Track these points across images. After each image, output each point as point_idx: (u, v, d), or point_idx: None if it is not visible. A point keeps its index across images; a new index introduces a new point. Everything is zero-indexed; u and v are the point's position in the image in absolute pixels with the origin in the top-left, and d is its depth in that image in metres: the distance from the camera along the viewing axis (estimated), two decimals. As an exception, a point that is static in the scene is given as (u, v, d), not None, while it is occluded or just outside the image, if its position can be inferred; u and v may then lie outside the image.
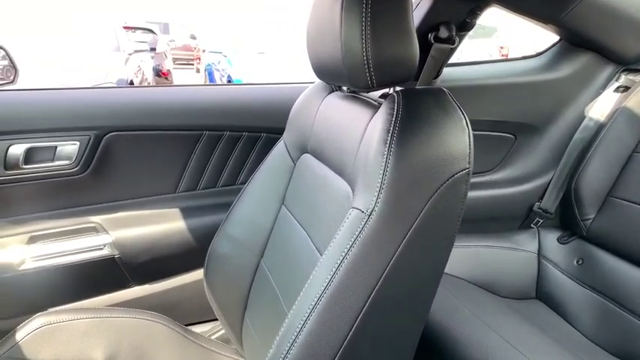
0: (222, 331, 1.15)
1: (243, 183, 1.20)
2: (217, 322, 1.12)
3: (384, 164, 0.56)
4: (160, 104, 1.14)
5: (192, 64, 12.11)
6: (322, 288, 0.57)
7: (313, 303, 0.57)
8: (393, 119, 0.58)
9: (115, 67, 3.97)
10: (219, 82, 5.92)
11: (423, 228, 0.57)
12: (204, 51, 9.27)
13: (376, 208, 0.56)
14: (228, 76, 5.07)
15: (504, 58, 1.37)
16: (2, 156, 0.99)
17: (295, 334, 0.57)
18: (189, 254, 1.16)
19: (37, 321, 0.87)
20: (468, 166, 0.58)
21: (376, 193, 0.56)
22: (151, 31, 7.88)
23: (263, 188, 0.93)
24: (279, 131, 1.03)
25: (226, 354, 0.96)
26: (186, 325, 1.00)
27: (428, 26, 1.01)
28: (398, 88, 0.67)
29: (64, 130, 1.04)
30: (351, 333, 0.57)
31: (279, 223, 0.89)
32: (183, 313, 1.11)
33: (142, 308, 0.98)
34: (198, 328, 1.06)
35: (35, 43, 3.89)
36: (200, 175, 1.19)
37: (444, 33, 1.00)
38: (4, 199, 1.04)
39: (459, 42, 1.05)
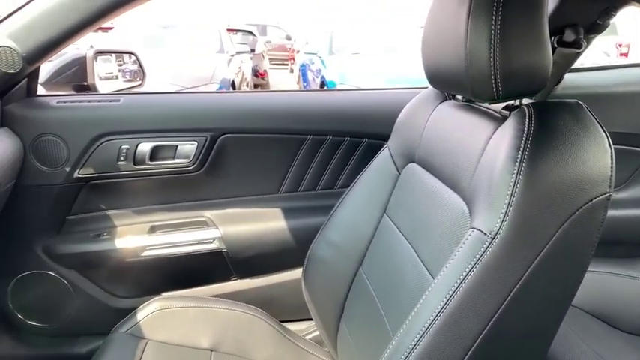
0: (317, 332, 1.18)
1: (343, 187, 1.21)
2: (312, 323, 1.15)
3: (512, 184, 0.52)
4: (268, 109, 1.19)
5: (287, 65, 12.56)
6: (436, 311, 0.54)
7: (426, 326, 0.55)
8: (524, 135, 0.54)
9: (219, 67, 4.25)
10: (311, 82, 6.05)
11: (552, 256, 0.53)
12: (297, 52, 9.57)
13: (501, 232, 0.52)
14: (322, 77, 5.15)
15: (636, 63, 1.21)
16: (132, 153, 1.11)
17: (405, 354, 0.55)
18: (289, 253, 1.20)
19: (154, 305, 0.96)
20: (608, 191, 0.52)
21: (502, 215, 0.53)
22: (250, 33, 8.32)
23: (365, 195, 0.93)
24: (382, 137, 1.02)
25: (320, 356, 0.98)
26: (282, 322, 1.04)
27: (551, 30, 0.93)
28: (525, 100, 0.63)
29: (184, 132, 1.14)
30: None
31: (380, 232, 0.88)
32: (280, 309, 1.15)
33: (242, 301, 1.04)
34: (293, 326, 1.09)
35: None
36: (302, 178, 1.23)
37: (569, 36, 0.92)
38: (131, 191, 1.17)
39: (587, 46, 0.96)
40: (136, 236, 1.15)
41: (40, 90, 1.14)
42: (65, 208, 1.13)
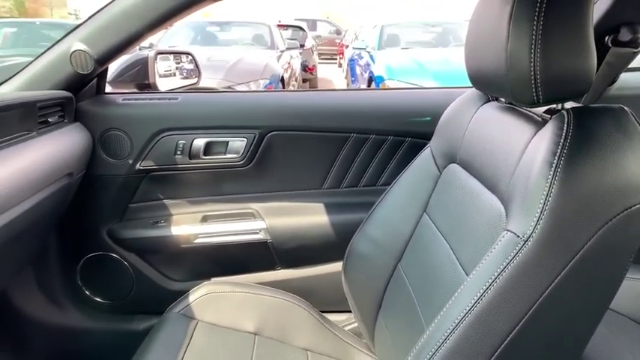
0: (355, 324, 1.21)
1: (385, 185, 1.23)
2: (351, 315, 1.19)
3: (547, 189, 0.53)
4: (313, 107, 1.24)
5: (335, 59, 12.56)
6: (467, 308, 0.56)
7: (456, 321, 0.56)
8: (562, 140, 0.55)
9: (269, 63, 4.35)
10: (359, 77, 6.04)
11: (586, 262, 0.53)
12: (346, 46, 9.55)
13: (534, 235, 0.53)
14: (370, 72, 5.13)
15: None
16: (188, 147, 1.19)
17: (435, 348, 0.57)
18: (330, 246, 1.24)
19: (205, 288, 1.03)
20: None
21: (535, 219, 0.53)
22: (300, 28, 8.41)
23: (406, 194, 0.95)
24: (425, 136, 1.03)
25: (358, 347, 1.01)
26: (322, 312, 1.08)
27: (605, 28, 0.91)
28: (568, 104, 0.62)
29: (235, 128, 1.20)
30: (493, 358, 0.56)
31: (419, 230, 0.90)
32: (321, 300, 1.19)
33: (284, 290, 1.09)
34: (332, 317, 1.13)
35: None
36: (344, 175, 1.27)
37: (625, 35, 0.89)
38: (186, 183, 1.25)
39: None
40: (190, 225, 1.23)
41: (107, 88, 1.25)
42: (128, 196, 1.23)
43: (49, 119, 1.02)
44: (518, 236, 0.55)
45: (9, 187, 0.82)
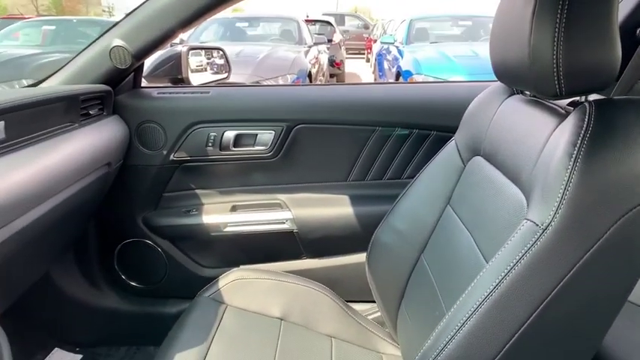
0: (378, 314, 1.23)
1: (409, 178, 1.24)
2: (374, 305, 1.21)
3: (566, 179, 0.54)
4: (340, 101, 1.26)
5: (363, 54, 12.51)
6: (485, 294, 0.58)
7: (475, 306, 0.58)
8: (582, 132, 0.55)
9: (297, 58, 4.39)
10: (387, 71, 6.00)
11: (604, 251, 0.54)
12: (375, 41, 9.49)
13: (552, 224, 0.54)
14: (398, 67, 5.09)
15: None
16: (219, 139, 1.24)
17: (453, 332, 0.59)
18: (354, 238, 1.26)
19: (233, 275, 1.07)
20: None
21: (554, 208, 0.54)
22: (328, 23, 8.42)
23: (430, 186, 0.96)
24: (450, 130, 1.04)
25: (380, 335, 1.03)
26: (346, 301, 1.10)
27: (635, 21, 0.89)
28: (592, 97, 0.63)
29: (263, 121, 1.24)
30: (509, 344, 0.57)
31: (443, 222, 0.91)
32: (345, 290, 1.22)
33: (310, 278, 1.12)
34: (356, 306, 1.15)
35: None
36: (369, 167, 1.29)
37: None
38: (216, 174, 1.30)
39: None
40: (220, 214, 1.28)
41: (143, 82, 1.31)
42: (162, 186, 1.28)
43: (90, 112, 1.08)
44: (538, 225, 0.56)
45: (54, 175, 0.88)
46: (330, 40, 7.03)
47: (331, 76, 7.61)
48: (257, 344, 0.91)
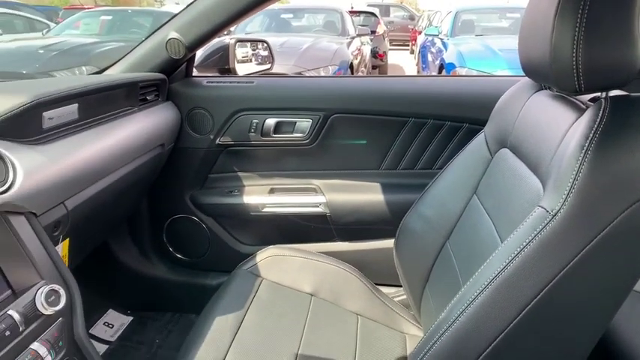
0: (404, 297, 1.28)
1: (441, 168, 1.28)
2: (401, 289, 1.26)
3: (576, 169, 0.57)
4: (374, 92, 1.32)
5: (408, 46, 12.31)
6: (496, 272, 0.62)
7: (486, 283, 0.63)
8: (595, 126, 0.58)
9: (339, 50, 4.43)
10: (430, 64, 5.93)
11: (610, 240, 0.57)
12: (420, 33, 9.33)
13: (561, 211, 0.58)
14: (441, 59, 5.02)
15: None
16: (260, 126, 1.33)
17: (465, 305, 0.64)
18: (384, 223, 1.32)
19: (270, 251, 1.15)
20: None
21: (564, 197, 0.58)
22: (373, 14, 8.36)
23: (458, 176, 1.00)
24: (482, 123, 1.07)
25: (405, 317, 1.08)
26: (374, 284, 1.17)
27: None
28: (613, 92, 0.65)
29: (302, 110, 1.32)
30: (517, 319, 0.61)
31: (468, 211, 0.95)
32: (372, 273, 1.26)
33: (340, 259, 1.18)
34: (383, 289, 1.19)
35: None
36: (401, 157, 1.34)
37: None
38: (257, 158, 1.39)
39: None
40: (259, 195, 1.38)
41: (194, 72, 1.42)
42: (208, 167, 1.39)
43: (147, 97, 1.20)
44: (548, 211, 0.60)
45: (117, 152, 1.00)
46: (373, 32, 6.98)
47: (374, 67, 7.55)
48: (288, 315, 0.98)
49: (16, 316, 0.62)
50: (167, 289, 1.47)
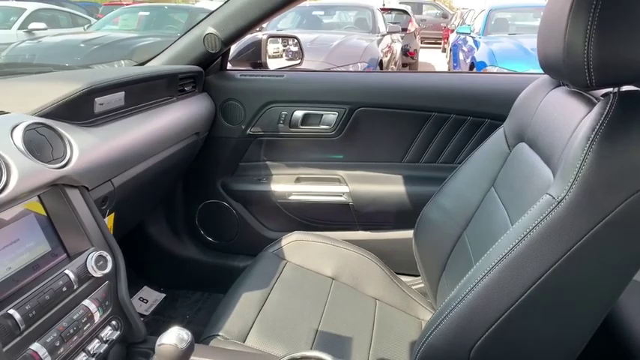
0: (422, 285, 1.32)
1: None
2: (419, 278, 1.30)
3: (582, 159, 0.60)
4: (399, 87, 1.37)
5: (440, 44, 12.16)
6: (504, 253, 0.66)
7: (494, 263, 0.67)
8: (602, 119, 0.61)
9: (369, 47, 4.46)
10: (462, 62, 5.87)
11: (612, 226, 0.59)
12: (452, 31, 9.21)
13: (566, 198, 0.61)
14: (472, 57, 4.98)
15: None
16: (289, 118, 1.40)
17: (474, 284, 0.69)
18: (405, 214, 1.37)
19: (294, 236, 1.21)
20: None
21: (569, 184, 0.61)
22: (404, 12, 8.32)
23: (477, 168, 1.03)
24: (504, 118, 1.10)
25: (422, 304, 1.13)
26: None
27: None
28: (625, 88, 0.67)
29: (328, 103, 1.38)
30: (521, 299, 0.65)
31: (485, 203, 0.98)
32: (392, 261, 1.30)
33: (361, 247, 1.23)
34: (401, 277, 1.24)
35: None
36: (424, 150, 1.38)
37: None
38: (285, 148, 1.46)
39: None
40: (285, 184, 1.44)
41: (228, 65, 1.50)
42: (239, 156, 1.47)
43: (185, 88, 1.29)
44: (554, 198, 0.63)
45: (157, 137, 1.08)
46: (404, 29, 6.96)
47: (404, 65, 7.51)
48: (310, 296, 1.04)
49: (72, 276, 0.70)
50: (197, 270, 1.56)
